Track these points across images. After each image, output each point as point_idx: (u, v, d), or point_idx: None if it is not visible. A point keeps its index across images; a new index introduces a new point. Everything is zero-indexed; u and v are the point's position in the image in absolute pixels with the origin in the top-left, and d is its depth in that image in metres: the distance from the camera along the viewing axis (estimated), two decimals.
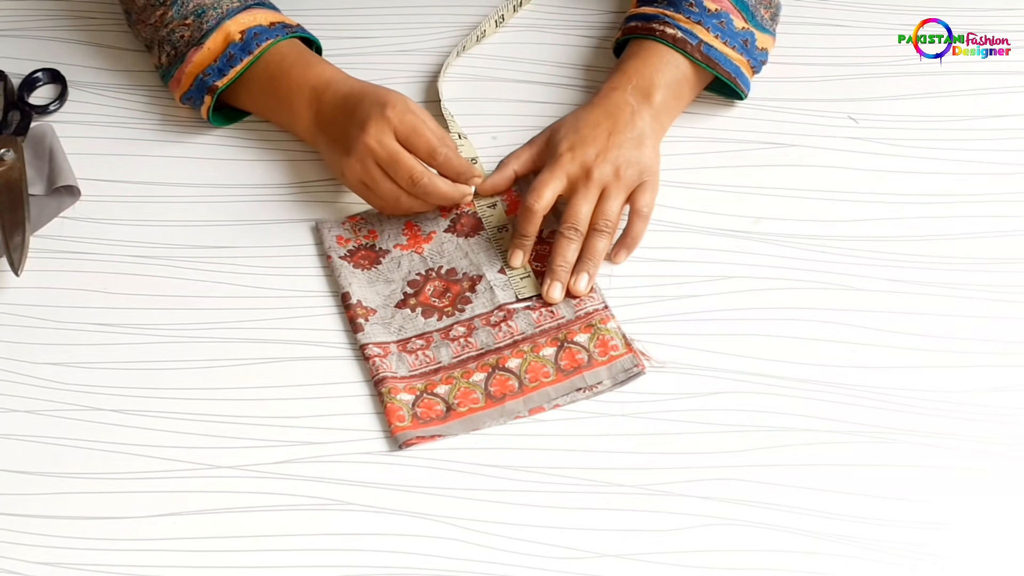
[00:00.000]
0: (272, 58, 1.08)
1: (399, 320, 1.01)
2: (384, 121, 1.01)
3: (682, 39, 1.08)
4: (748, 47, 1.11)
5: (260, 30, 1.09)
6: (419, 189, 1.01)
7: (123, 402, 0.97)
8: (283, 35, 1.09)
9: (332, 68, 1.09)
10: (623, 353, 0.98)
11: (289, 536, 0.90)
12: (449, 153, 1.03)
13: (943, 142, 1.12)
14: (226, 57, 1.08)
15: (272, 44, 1.08)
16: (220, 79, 1.08)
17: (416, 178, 1.01)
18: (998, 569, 0.89)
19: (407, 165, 1.01)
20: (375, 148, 1.01)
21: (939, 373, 0.97)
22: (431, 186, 1.02)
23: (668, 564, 0.88)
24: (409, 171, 1.01)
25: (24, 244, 1.03)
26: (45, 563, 0.89)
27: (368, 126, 1.01)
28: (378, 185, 1.02)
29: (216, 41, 1.08)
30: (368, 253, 1.05)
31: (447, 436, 0.94)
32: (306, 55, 1.10)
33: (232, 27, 1.09)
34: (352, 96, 1.05)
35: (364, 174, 1.02)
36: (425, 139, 1.02)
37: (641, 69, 1.09)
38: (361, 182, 1.03)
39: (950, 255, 1.04)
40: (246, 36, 1.08)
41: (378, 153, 1.01)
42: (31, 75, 1.17)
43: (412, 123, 1.02)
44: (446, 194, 1.03)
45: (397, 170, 1.01)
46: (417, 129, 1.02)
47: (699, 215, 1.07)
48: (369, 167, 1.01)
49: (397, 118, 1.01)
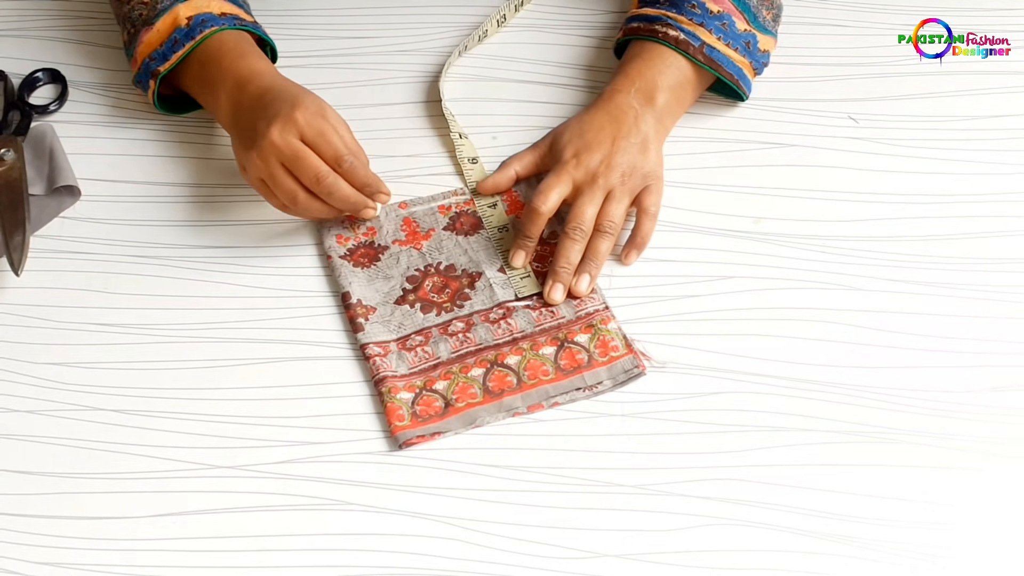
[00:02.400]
0: (211, 44, 1.07)
1: (398, 317, 1.01)
2: (291, 121, 0.99)
3: (684, 41, 1.08)
4: (750, 49, 1.11)
5: (207, 17, 1.08)
6: (322, 188, 1.00)
7: (123, 402, 0.97)
8: (230, 25, 1.09)
9: (265, 63, 1.08)
10: (624, 354, 0.98)
11: (289, 536, 0.90)
12: (356, 163, 1.01)
13: (943, 142, 1.12)
14: (171, 42, 1.08)
15: (215, 32, 1.08)
16: (163, 64, 1.08)
17: (320, 176, 0.99)
18: (998, 569, 0.89)
19: (311, 163, 0.99)
20: (279, 145, 0.99)
21: (939, 373, 0.97)
22: (334, 187, 1.00)
23: (668, 564, 0.88)
24: (314, 169, 0.99)
25: (24, 244, 1.03)
26: (45, 563, 0.89)
27: (275, 123, 0.99)
28: (277, 183, 1.00)
29: (165, 23, 1.08)
30: (367, 251, 1.05)
31: (446, 433, 0.95)
32: (244, 46, 1.08)
33: (182, 11, 1.08)
34: (270, 92, 1.03)
35: (264, 170, 1.00)
36: (332, 145, 1.00)
37: (644, 71, 1.09)
38: (260, 179, 1.01)
39: (950, 255, 1.04)
40: (192, 22, 1.08)
41: (282, 150, 0.99)
42: (31, 75, 1.17)
43: (320, 127, 1.00)
44: (348, 197, 1.01)
45: (301, 167, 0.99)
46: (324, 134, 1.00)
47: (699, 215, 1.07)
48: (271, 164, 1.00)
49: (305, 120, 1.00)
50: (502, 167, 1.09)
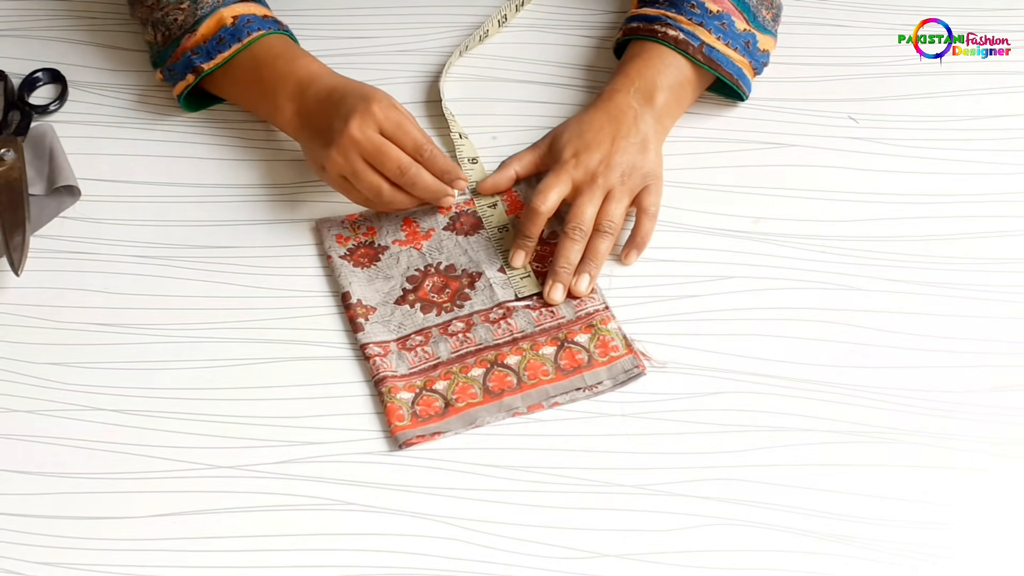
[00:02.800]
0: (260, 48, 1.08)
1: (398, 316, 1.01)
2: (369, 115, 1.01)
3: (684, 41, 1.08)
4: (750, 48, 1.11)
5: (253, 18, 1.09)
6: (406, 179, 1.01)
7: (123, 402, 0.97)
8: (275, 29, 1.09)
9: (318, 63, 1.08)
10: (624, 354, 0.98)
11: (289, 536, 0.90)
12: (435, 151, 1.03)
13: (943, 142, 1.12)
14: (216, 40, 1.08)
15: (264, 35, 1.08)
16: (208, 61, 1.08)
17: (404, 167, 1.01)
18: (998, 569, 0.89)
19: (394, 155, 1.01)
20: (360, 140, 1.00)
21: (939, 373, 0.97)
22: (418, 177, 1.01)
23: (668, 564, 0.88)
24: (397, 160, 1.00)
25: (24, 244, 1.03)
26: (45, 563, 0.89)
27: (352, 119, 1.00)
28: (360, 178, 1.01)
29: (208, 26, 1.08)
30: (367, 251, 1.05)
31: (446, 433, 0.95)
32: (294, 49, 1.09)
33: (226, 13, 1.09)
34: (337, 91, 1.04)
35: (346, 167, 1.01)
36: (411, 135, 1.02)
37: (643, 71, 1.09)
38: (341, 175, 1.02)
39: (950, 255, 1.04)
40: (238, 22, 1.08)
41: (363, 145, 1.00)
42: (31, 75, 1.17)
43: (397, 119, 1.02)
44: (431, 187, 1.02)
45: (384, 160, 1.00)
46: (403, 125, 1.02)
47: (699, 215, 1.07)
48: (352, 159, 1.01)
49: (382, 113, 1.01)
50: (502, 167, 1.09)
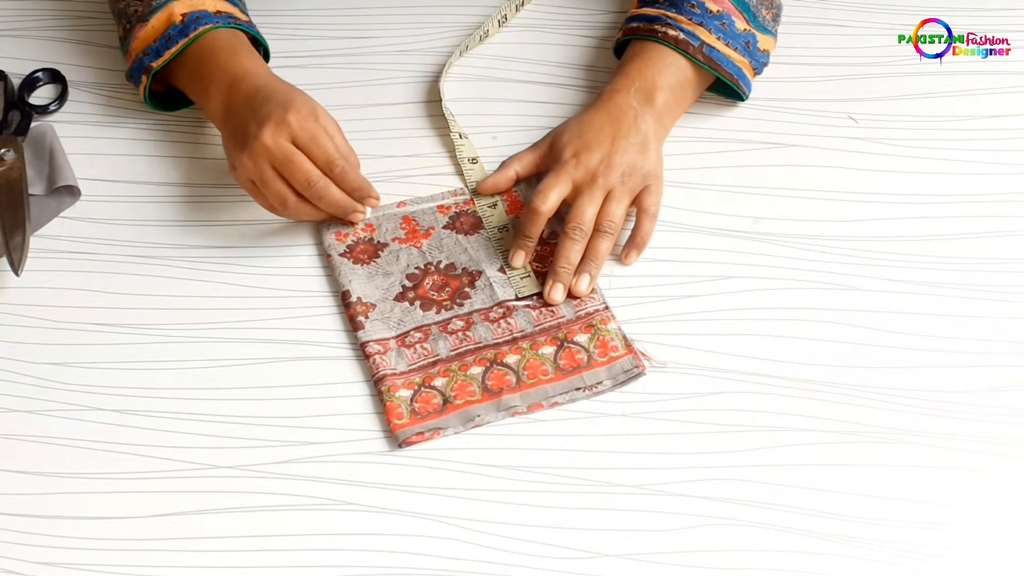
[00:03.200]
0: (205, 41, 1.07)
1: (398, 313, 1.01)
2: (284, 124, 0.99)
3: (684, 40, 1.08)
4: (750, 48, 1.11)
5: (202, 14, 1.08)
6: (312, 193, 1.00)
7: (123, 402, 0.97)
8: (224, 23, 1.09)
9: (257, 62, 1.07)
10: (623, 354, 0.98)
11: (289, 536, 0.90)
12: (347, 167, 1.01)
13: (943, 142, 1.12)
14: (165, 38, 1.08)
15: (209, 29, 1.07)
16: (156, 60, 1.08)
17: (312, 181, 0.99)
18: (998, 569, 0.89)
19: (303, 167, 0.99)
20: (271, 147, 0.99)
21: (939, 373, 0.97)
22: (325, 191, 1.00)
23: (668, 564, 0.88)
24: (305, 173, 0.99)
25: (24, 244, 1.03)
26: (45, 563, 0.89)
27: (267, 125, 0.99)
28: (267, 184, 1.00)
29: (160, 20, 1.08)
30: (367, 247, 1.05)
31: (445, 431, 0.95)
32: (237, 44, 1.08)
33: (177, 8, 1.08)
34: (262, 92, 1.03)
35: (255, 172, 1.00)
36: (324, 148, 1.00)
37: (643, 71, 1.09)
38: (250, 180, 1.01)
39: (950, 255, 1.04)
40: (187, 19, 1.08)
41: (273, 152, 0.99)
42: (31, 75, 1.17)
43: (312, 130, 1.00)
44: (338, 202, 1.01)
45: (292, 171, 0.99)
46: (316, 138, 1.00)
47: (699, 215, 1.07)
48: (261, 165, 0.99)
49: (298, 123, 1.00)
50: (502, 167, 1.09)
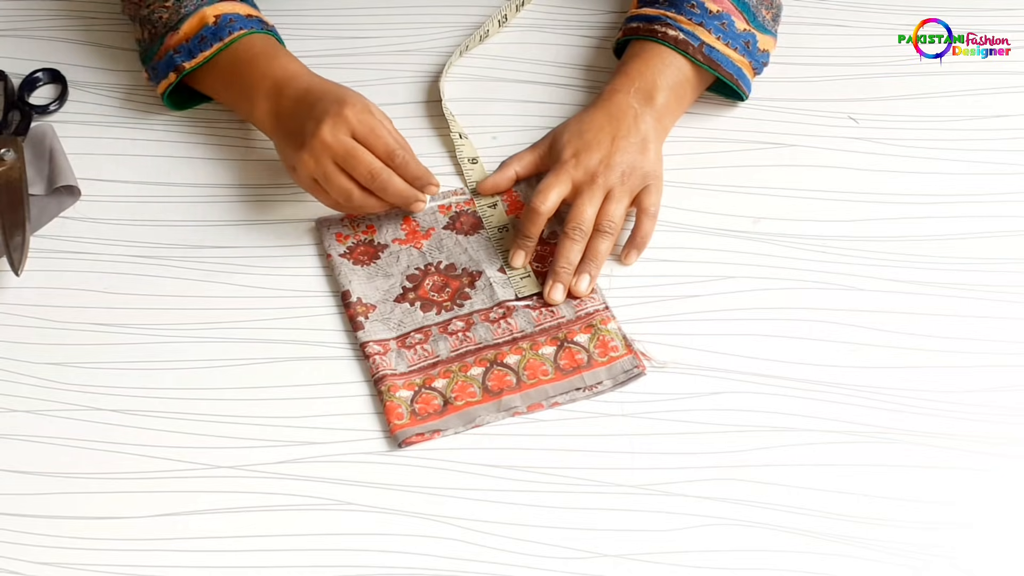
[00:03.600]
0: (241, 47, 1.08)
1: (398, 314, 1.01)
2: (341, 119, 1.00)
3: (683, 40, 1.08)
4: (750, 48, 1.11)
5: (236, 17, 1.09)
6: (377, 184, 1.01)
7: (123, 402, 0.97)
8: (258, 28, 1.09)
9: (298, 63, 1.08)
10: (623, 354, 0.98)
11: (289, 536, 0.90)
12: (407, 156, 1.02)
13: (943, 142, 1.12)
14: (198, 39, 1.08)
15: (245, 34, 1.08)
16: (189, 60, 1.08)
17: (375, 172, 1.00)
18: (998, 569, 0.89)
19: (366, 159, 1.00)
20: (331, 143, 1.00)
21: (939, 373, 0.97)
22: (388, 182, 1.01)
23: (668, 564, 0.88)
24: (368, 165, 1.00)
25: (24, 244, 1.03)
26: (45, 563, 0.89)
27: (325, 122, 1.00)
28: (330, 181, 1.01)
29: (191, 25, 1.08)
30: (367, 248, 1.05)
31: (445, 432, 0.95)
32: (274, 48, 1.09)
33: (209, 12, 1.08)
34: (312, 92, 1.04)
35: (317, 170, 1.01)
36: (383, 140, 1.01)
37: (643, 71, 1.09)
38: (312, 178, 1.02)
39: (950, 255, 1.04)
40: (220, 21, 1.08)
41: (334, 148, 1.00)
42: (31, 75, 1.17)
43: (370, 123, 1.01)
44: (402, 192, 1.02)
45: (355, 164, 1.00)
46: (375, 130, 1.01)
47: (699, 215, 1.07)
48: (323, 162, 1.00)
49: (355, 117, 1.01)
50: (502, 167, 1.09)
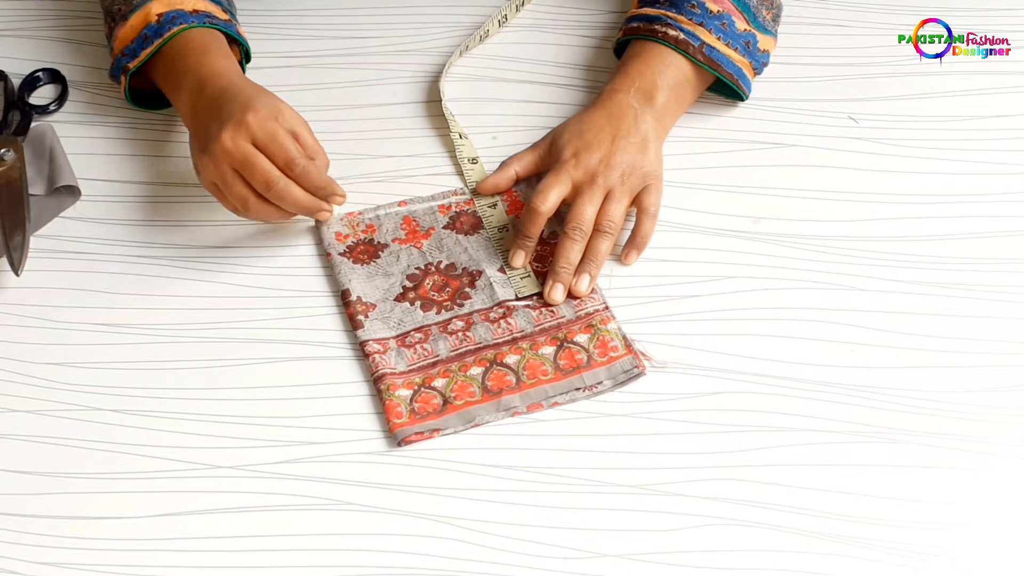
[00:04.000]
0: (178, 43, 1.07)
1: (398, 313, 1.01)
2: (243, 125, 0.98)
3: (684, 41, 1.08)
4: (750, 48, 1.11)
5: (178, 14, 1.08)
6: (272, 193, 0.99)
7: (123, 402, 0.97)
8: (200, 23, 1.08)
9: (227, 62, 1.06)
10: (623, 354, 0.98)
11: (289, 536, 0.90)
12: (309, 166, 0.99)
13: (943, 142, 1.12)
14: (141, 38, 1.08)
15: (183, 30, 1.07)
16: (133, 60, 1.08)
17: (271, 181, 0.98)
18: (998, 569, 0.89)
19: (262, 168, 0.98)
20: (230, 149, 0.98)
21: (939, 373, 0.97)
22: (285, 191, 0.98)
23: (668, 564, 0.88)
24: (264, 174, 0.98)
25: (24, 244, 1.03)
26: (45, 563, 0.89)
27: (227, 126, 0.98)
28: (228, 187, 0.99)
29: (137, 19, 1.08)
30: (367, 248, 1.05)
31: (444, 431, 0.95)
32: (210, 45, 1.07)
33: (154, 7, 1.08)
34: (227, 93, 1.02)
35: (216, 175, 0.99)
36: (283, 148, 0.99)
37: (643, 71, 1.09)
38: (212, 182, 1.00)
39: (950, 255, 1.04)
40: (163, 19, 1.07)
41: (233, 155, 0.98)
42: (31, 75, 1.17)
43: (271, 130, 0.99)
44: (300, 201, 1.00)
45: (252, 172, 0.98)
46: (276, 138, 0.99)
47: (699, 215, 1.07)
48: (221, 167, 0.98)
49: (257, 124, 0.98)
50: (502, 167, 1.09)
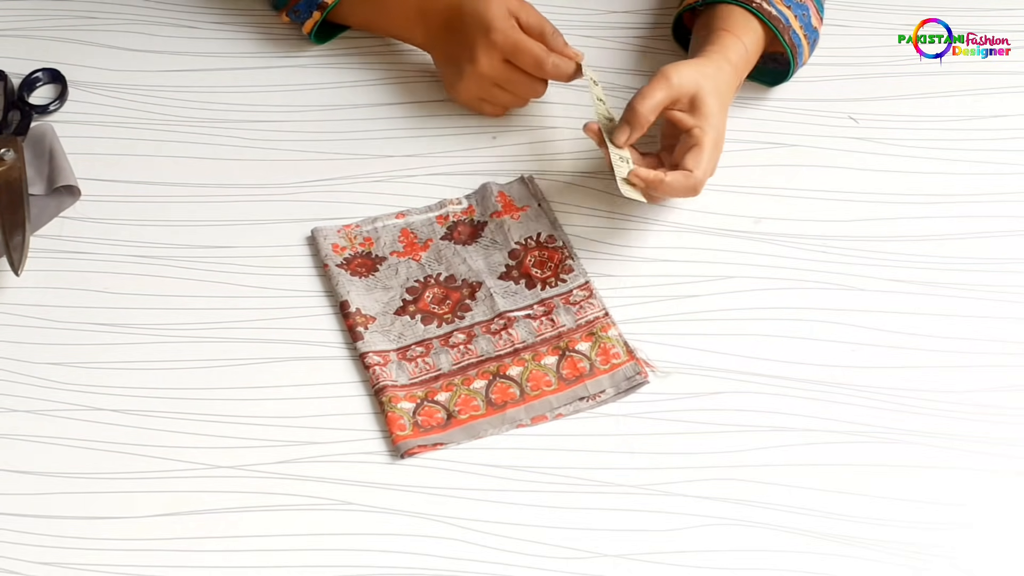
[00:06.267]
0: None
1: (398, 327, 1.01)
2: (491, 47, 1.07)
3: (776, 18, 1.08)
4: (811, 46, 1.11)
5: None
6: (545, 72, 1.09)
7: (123, 402, 0.97)
8: None
9: None
10: (625, 361, 0.98)
11: (289, 536, 0.90)
12: (556, 62, 1.08)
13: (943, 142, 1.12)
14: None
15: None
16: None
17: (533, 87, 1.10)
18: (998, 569, 0.89)
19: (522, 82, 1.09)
20: (486, 72, 1.08)
21: (939, 373, 0.97)
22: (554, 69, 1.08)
23: (668, 564, 0.88)
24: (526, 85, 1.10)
25: (24, 244, 1.02)
26: (45, 563, 0.89)
27: (478, 51, 1.07)
28: (495, 97, 1.11)
29: None
30: (365, 261, 1.05)
31: (448, 444, 0.94)
32: None
33: None
34: (453, 14, 1.09)
35: (480, 91, 1.10)
36: (530, 55, 1.07)
37: (739, 38, 1.07)
38: (478, 98, 1.11)
39: (950, 255, 1.04)
40: None
41: (491, 74, 1.08)
42: (31, 75, 1.17)
43: (515, 41, 1.07)
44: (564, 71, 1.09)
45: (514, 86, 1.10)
46: (520, 47, 1.07)
47: (699, 215, 1.07)
48: (484, 85, 1.09)
49: (502, 39, 1.07)
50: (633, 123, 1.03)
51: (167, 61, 1.19)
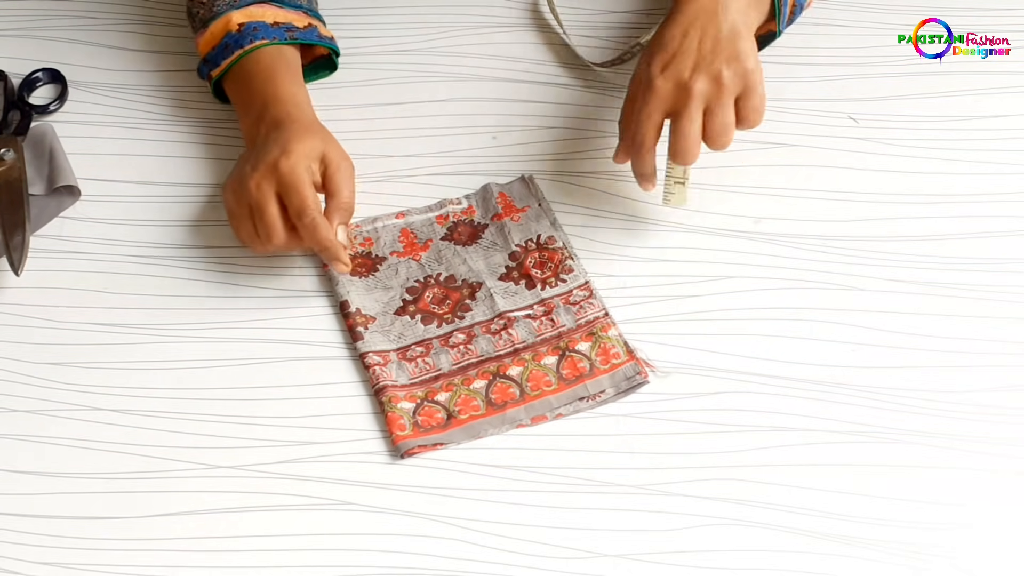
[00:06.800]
0: (248, 64, 1.07)
1: (399, 327, 1.01)
2: (273, 170, 0.99)
3: None
4: None
5: (260, 26, 1.08)
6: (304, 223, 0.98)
7: (123, 402, 0.97)
8: (281, 38, 1.09)
9: (293, 89, 1.07)
10: (625, 361, 0.98)
11: (289, 536, 0.90)
12: (317, 221, 0.97)
13: (943, 142, 1.12)
14: (223, 46, 1.08)
15: (261, 46, 1.08)
16: (215, 68, 1.09)
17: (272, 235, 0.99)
18: (998, 569, 0.89)
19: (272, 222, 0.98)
20: (252, 192, 0.99)
21: (939, 373, 0.97)
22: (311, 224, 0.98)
23: (668, 564, 0.88)
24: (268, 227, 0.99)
25: (24, 244, 1.03)
26: (45, 563, 0.89)
27: (259, 168, 0.99)
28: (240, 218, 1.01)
29: (219, 26, 1.09)
30: (365, 260, 1.05)
31: (448, 444, 0.94)
32: (278, 68, 1.07)
33: (235, 17, 1.09)
34: (276, 129, 1.02)
35: (237, 201, 1.01)
36: (300, 197, 0.98)
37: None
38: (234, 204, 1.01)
39: (950, 255, 1.04)
40: (244, 29, 1.08)
41: (252, 196, 0.99)
42: (31, 75, 1.17)
43: (296, 180, 0.98)
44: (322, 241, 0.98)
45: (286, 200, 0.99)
46: (297, 186, 0.98)
47: (699, 215, 1.07)
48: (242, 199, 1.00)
49: (287, 169, 0.98)
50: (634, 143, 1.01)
51: (167, 61, 1.19)
